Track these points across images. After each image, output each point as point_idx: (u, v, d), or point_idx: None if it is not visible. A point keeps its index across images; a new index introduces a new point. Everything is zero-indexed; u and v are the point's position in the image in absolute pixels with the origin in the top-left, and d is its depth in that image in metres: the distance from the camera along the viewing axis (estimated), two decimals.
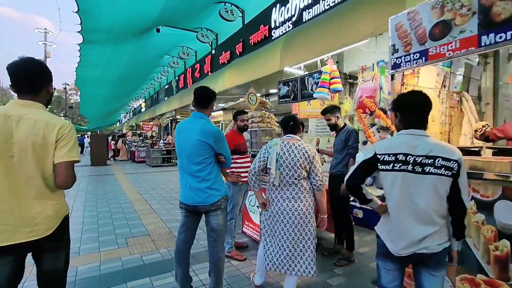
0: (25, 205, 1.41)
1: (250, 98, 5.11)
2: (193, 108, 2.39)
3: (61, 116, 35.06)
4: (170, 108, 10.21)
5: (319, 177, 2.27)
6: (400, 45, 2.21)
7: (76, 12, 6.78)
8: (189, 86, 11.37)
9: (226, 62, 8.75)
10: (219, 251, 2.26)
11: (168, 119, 11.29)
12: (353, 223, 3.29)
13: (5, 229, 1.37)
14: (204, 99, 2.30)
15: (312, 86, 3.51)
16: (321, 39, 3.24)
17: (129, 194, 6.86)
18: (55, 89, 1.68)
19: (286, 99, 4.15)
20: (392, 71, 2.27)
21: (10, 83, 1.45)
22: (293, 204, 2.22)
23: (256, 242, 3.64)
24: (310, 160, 2.25)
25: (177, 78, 13.87)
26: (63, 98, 38.61)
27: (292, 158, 2.23)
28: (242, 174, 3.19)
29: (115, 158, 17.59)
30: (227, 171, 2.97)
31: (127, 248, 3.54)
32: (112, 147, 17.46)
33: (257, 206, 3.69)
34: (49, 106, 1.80)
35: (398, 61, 2.22)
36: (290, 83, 3.97)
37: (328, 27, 3.21)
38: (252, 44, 7.33)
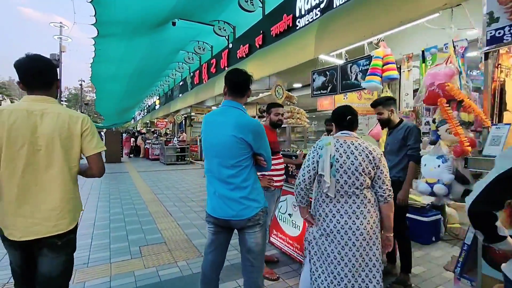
0: (51, 198, 1.43)
1: (277, 91, 4.59)
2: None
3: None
4: (185, 104, 9.83)
5: (387, 185, 1.76)
6: (501, 12, 1.65)
7: (90, 2, 6.47)
8: (204, 82, 10.98)
9: (244, 56, 8.29)
10: (257, 279, 1.77)
11: (182, 116, 10.79)
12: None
13: (32, 223, 1.39)
14: (240, 84, 1.81)
15: (356, 74, 2.97)
16: (370, 18, 2.69)
17: (143, 194, 6.51)
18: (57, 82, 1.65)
19: (321, 91, 3.62)
20: (488, 47, 1.72)
21: (18, 80, 1.46)
22: (353, 221, 1.71)
23: (287, 256, 3.16)
24: (375, 163, 1.73)
25: (192, 74, 13.54)
26: (80, 95, 39.34)
27: (352, 161, 1.72)
28: (275, 178, 2.70)
29: (130, 156, 17.49)
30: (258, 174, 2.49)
31: (141, 259, 3.13)
32: (132, 144, 17.40)
33: (289, 214, 3.20)
34: (65, 103, 1.57)
35: (499, 33, 1.66)
36: (327, 72, 3.44)
37: (379, 3, 2.66)
38: (274, 35, 6.82)
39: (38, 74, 1.46)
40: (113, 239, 3.71)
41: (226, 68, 9.42)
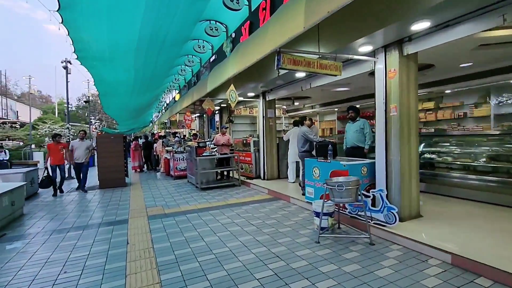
0: None
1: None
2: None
3: (92, 119, 31.49)
4: (248, 60, 4.26)
5: None
6: None
7: None
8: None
9: None
10: None
11: (236, 94, 5.08)
12: None
13: None
14: None
15: None
16: None
17: None
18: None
19: None
20: None
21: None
22: None
23: None
24: None
25: (233, 35, 8.07)
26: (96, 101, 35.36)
27: None
28: None
29: (143, 170, 12.25)
30: None
31: None
32: (155, 153, 12.27)
33: None
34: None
35: None
36: None
37: None
38: None
39: None
40: None
41: None
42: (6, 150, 14.86)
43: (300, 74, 5.57)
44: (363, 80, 6.46)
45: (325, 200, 3.52)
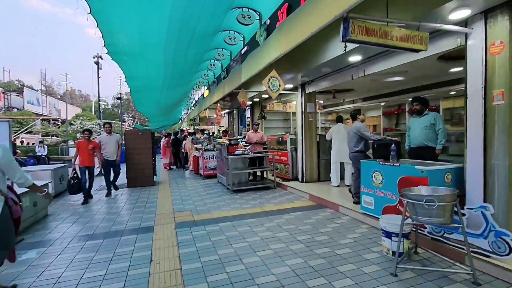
0: None
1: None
2: None
3: (125, 116, 32.35)
4: (298, 37, 3.52)
5: None
6: None
7: None
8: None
9: None
10: None
11: (279, 81, 4.25)
12: None
13: None
14: None
15: None
16: None
17: None
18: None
19: None
20: None
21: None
22: None
23: None
24: None
25: (268, 22, 7.33)
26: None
27: None
28: None
29: (171, 167, 11.95)
30: None
31: None
32: (183, 150, 11.90)
33: None
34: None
35: None
36: None
37: None
38: None
39: None
40: None
41: None
42: (45, 146, 15.43)
43: (354, 58, 4.60)
44: (425, 66, 5.38)
45: (405, 218, 2.63)
